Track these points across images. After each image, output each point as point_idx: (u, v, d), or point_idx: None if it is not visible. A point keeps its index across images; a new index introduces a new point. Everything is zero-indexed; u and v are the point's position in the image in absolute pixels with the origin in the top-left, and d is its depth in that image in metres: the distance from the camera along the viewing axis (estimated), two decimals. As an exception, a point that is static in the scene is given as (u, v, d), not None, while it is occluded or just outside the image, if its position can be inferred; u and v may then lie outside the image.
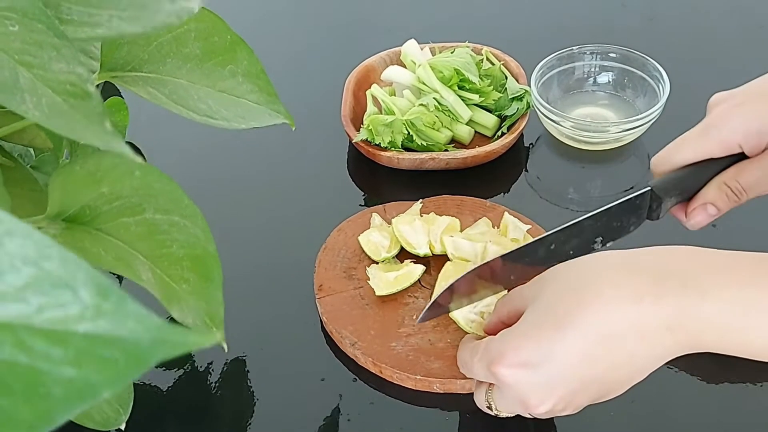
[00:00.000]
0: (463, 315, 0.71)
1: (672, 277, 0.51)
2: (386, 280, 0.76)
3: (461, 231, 0.80)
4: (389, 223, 0.82)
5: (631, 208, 0.65)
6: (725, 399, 0.69)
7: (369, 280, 0.76)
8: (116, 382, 0.26)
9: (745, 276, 0.51)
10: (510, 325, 0.59)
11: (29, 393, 0.26)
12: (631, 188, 0.87)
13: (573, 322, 0.52)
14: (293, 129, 0.61)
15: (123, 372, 0.26)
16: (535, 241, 0.62)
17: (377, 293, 0.75)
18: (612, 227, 0.65)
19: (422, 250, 0.78)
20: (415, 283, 0.77)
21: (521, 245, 0.63)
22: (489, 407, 0.60)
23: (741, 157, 0.64)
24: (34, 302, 0.26)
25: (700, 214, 0.64)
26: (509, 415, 0.60)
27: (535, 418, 0.69)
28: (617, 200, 0.64)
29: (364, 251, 0.80)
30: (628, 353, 0.52)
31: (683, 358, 0.71)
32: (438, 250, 0.78)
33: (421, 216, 0.82)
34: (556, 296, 0.54)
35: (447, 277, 0.74)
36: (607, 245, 0.65)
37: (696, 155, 0.64)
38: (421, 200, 0.84)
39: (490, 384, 0.59)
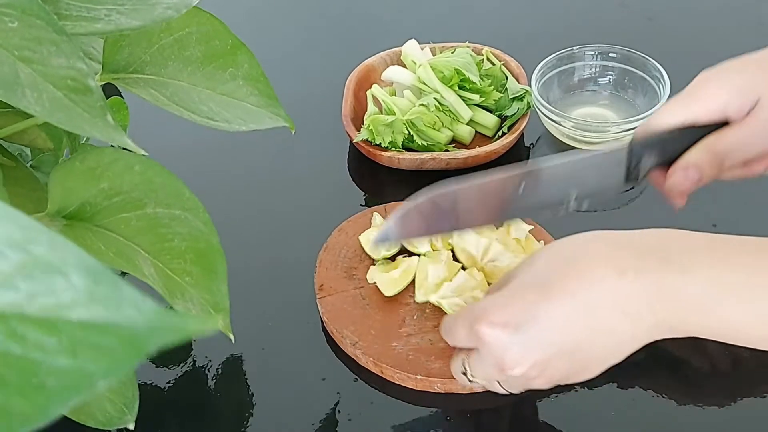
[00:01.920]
0: (448, 300, 0.71)
1: (654, 253, 0.52)
2: (392, 278, 0.76)
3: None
4: None
5: (609, 162, 0.63)
6: (726, 400, 0.68)
7: (375, 283, 0.76)
8: (113, 371, 0.25)
9: (726, 257, 0.51)
10: None
11: (23, 385, 0.25)
12: (631, 188, 0.87)
13: (559, 289, 0.53)
14: (293, 132, 0.61)
15: (120, 360, 0.25)
16: (506, 177, 0.60)
17: (387, 294, 0.75)
18: (589, 182, 0.63)
19: (423, 248, 0.78)
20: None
21: (491, 178, 0.60)
22: (464, 373, 0.60)
23: (725, 125, 0.62)
24: (24, 289, 0.25)
25: (682, 177, 0.62)
26: (482, 383, 0.60)
27: (536, 417, 0.69)
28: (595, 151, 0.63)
29: (365, 251, 0.80)
30: (609, 327, 0.52)
31: (684, 358, 0.71)
32: (439, 247, 0.78)
33: None
34: (544, 265, 0.55)
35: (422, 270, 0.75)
36: (583, 205, 0.63)
37: (679, 120, 0.62)
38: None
39: (469, 350, 0.59)
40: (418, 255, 0.78)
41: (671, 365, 0.70)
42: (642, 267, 0.52)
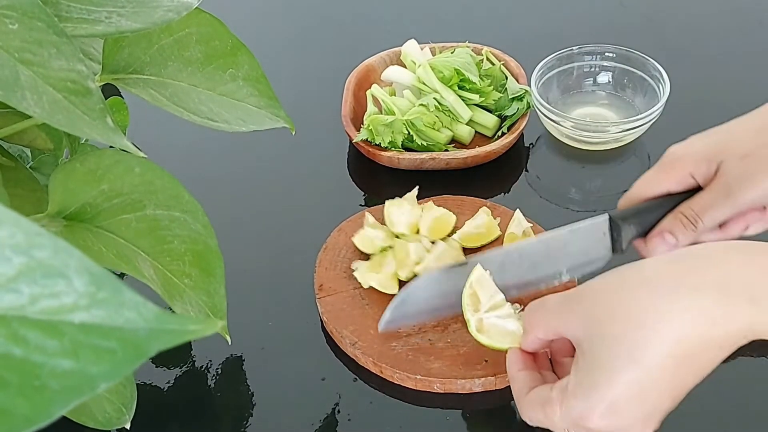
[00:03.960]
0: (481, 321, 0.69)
1: (737, 291, 0.51)
2: (386, 275, 0.76)
3: (459, 229, 0.80)
4: (384, 223, 0.82)
5: (594, 234, 0.68)
6: (729, 398, 0.68)
7: (373, 284, 0.76)
8: (114, 374, 0.25)
9: None
10: (547, 342, 0.59)
11: (25, 386, 0.25)
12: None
13: (651, 352, 0.51)
14: (293, 133, 0.61)
15: (121, 363, 0.25)
16: (499, 253, 0.67)
17: (387, 292, 0.75)
18: (577, 256, 0.69)
19: (399, 229, 0.79)
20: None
21: (484, 254, 0.67)
22: None
23: (699, 191, 0.66)
24: (26, 292, 0.25)
25: (659, 242, 0.66)
26: None
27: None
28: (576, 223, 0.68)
29: (363, 252, 0.80)
30: (711, 361, 0.52)
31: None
32: (423, 232, 0.80)
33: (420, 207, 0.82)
34: (618, 331, 0.52)
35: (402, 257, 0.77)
36: (576, 275, 0.70)
37: (654, 190, 0.67)
38: (417, 187, 0.84)
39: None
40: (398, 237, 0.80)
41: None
42: (730, 312, 0.50)
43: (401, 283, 0.76)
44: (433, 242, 0.79)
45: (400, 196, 0.82)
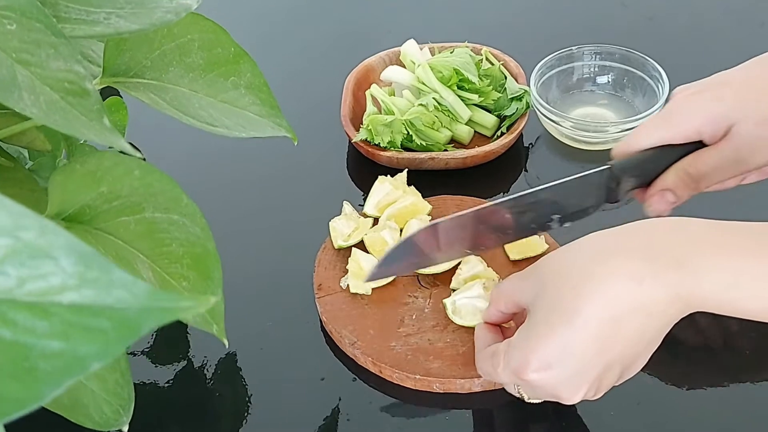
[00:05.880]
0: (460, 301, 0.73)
1: (665, 255, 0.53)
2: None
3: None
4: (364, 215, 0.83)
5: (590, 185, 0.65)
6: (728, 399, 0.68)
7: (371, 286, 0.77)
8: (106, 354, 0.25)
9: (731, 247, 0.53)
10: (509, 314, 0.62)
11: (15, 369, 0.25)
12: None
13: (580, 313, 0.54)
14: (296, 143, 0.61)
15: (112, 342, 0.25)
16: (491, 206, 0.64)
17: (380, 285, 0.76)
18: (570, 204, 0.66)
19: (368, 210, 0.82)
20: (414, 282, 0.77)
21: (475, 209, 0.64)
22: (521, 397, 0.62)
23: (700, 146, 0.64)
24: (13, 275, 0.25)
25: (658, 200, 0.65)
26: (540, 401, 0.63)
27: (535, 417, 0.69)
28: (576, 175, 0.65)
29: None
30: (639, 329, 0.54)
31: (686, 358, 0.71)
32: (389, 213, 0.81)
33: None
34: (557, 291, 0.55)
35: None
36: (565, 225, 0.66)
37: (655, 141, 0.65)
38: (406, 169, 0.86)
39: None
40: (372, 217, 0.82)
41: (672, 365, 0.70)
42: (656, 273, 0.53)
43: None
44: (402, 229, 0.79)
45: (400, 197, 0.82)
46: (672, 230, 0.55)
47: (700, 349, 0.73)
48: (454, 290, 0.75)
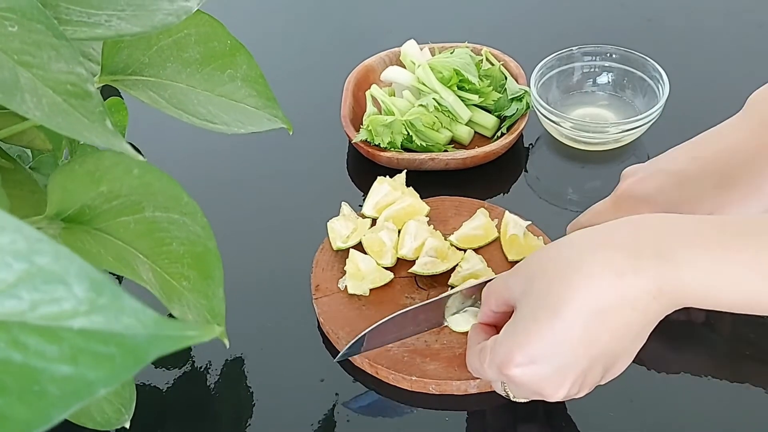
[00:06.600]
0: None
1: (646, 249, 0.54)
2: (372, 272, 0.77)
3: (457, 231, 0.80)
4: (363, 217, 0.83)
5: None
6: (725, 397, 0.69)
7: (369, 286, 0.77)
8: (113, 379, 0.25)
9: (712, 241, 0.54)
10: (500, 314, 0.62)
11: (24, 392, 0.25)
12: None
13: (566, 307, 0.54)
14: (291, 133, 0.61)
15: (120, 369, 0.25)
16: (432, 302, 0.69)
17: (381, 283, 0.77)
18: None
19: (366, 210, 0.82)
20: (411, 283, 0.77)
21: (413, 307, 0.69)
22: (507, 396, 0.63)
23: None
24: (26, 298, 0.26)
25: None
26: (526, 400, 0.63)
27: (533, 417, 0.69)
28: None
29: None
30: (624, 323, 0.54)
31: (683, 357, 0.71)
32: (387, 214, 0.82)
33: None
34: (544, 286, 0.56)
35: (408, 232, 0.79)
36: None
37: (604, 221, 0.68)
38: (405, 170, 0.86)
39: None
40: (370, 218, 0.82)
41: (670, 365, 0.70)
42: (638, 266, 0.53)
43: (388, 268, 0.78)
44: (400, 230, 0.80)
45: (400, 197, 0.82)
46: (657, 225, 0.56)
47: (700, 349, 0.73)
48: (451, 287, 0.75)
